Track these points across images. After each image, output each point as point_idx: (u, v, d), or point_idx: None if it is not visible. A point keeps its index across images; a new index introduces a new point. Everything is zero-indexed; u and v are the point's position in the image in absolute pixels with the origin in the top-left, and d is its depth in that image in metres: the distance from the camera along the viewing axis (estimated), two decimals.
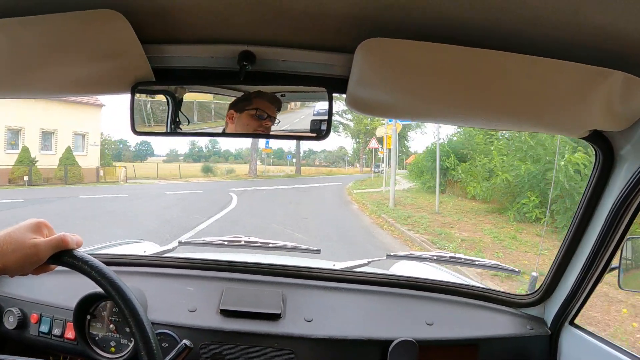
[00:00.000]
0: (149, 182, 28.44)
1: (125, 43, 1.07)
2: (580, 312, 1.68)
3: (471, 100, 1.17)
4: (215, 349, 1.54)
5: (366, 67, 1.10)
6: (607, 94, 1.10)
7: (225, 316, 1.61)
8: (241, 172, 42.20)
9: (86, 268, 1.04)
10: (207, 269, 1.84)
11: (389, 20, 0.99)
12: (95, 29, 1.02)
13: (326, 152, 65.49)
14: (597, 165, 1.44)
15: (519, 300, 1.84)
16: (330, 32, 1.09)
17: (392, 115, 1.32)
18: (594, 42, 1.00)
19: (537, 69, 1.06)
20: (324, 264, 2.08)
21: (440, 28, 0.99)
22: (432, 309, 1.76)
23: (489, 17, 0.94)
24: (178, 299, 1.66)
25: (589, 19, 0.90)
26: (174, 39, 1.17)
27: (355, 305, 1.75)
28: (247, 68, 1.19)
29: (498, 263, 2.06)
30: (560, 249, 1.65)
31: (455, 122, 1.37)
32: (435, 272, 2.45)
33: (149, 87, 1.24)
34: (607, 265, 1.52)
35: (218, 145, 70.74)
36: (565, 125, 1.29)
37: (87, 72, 1.16)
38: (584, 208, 1.52)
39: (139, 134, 1.25)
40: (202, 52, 1.21)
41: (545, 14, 0.90)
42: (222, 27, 1.11)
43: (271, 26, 1.09)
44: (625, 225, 1.41)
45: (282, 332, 1.58)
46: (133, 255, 1.95)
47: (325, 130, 1.23)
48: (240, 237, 2.18)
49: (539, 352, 1.73)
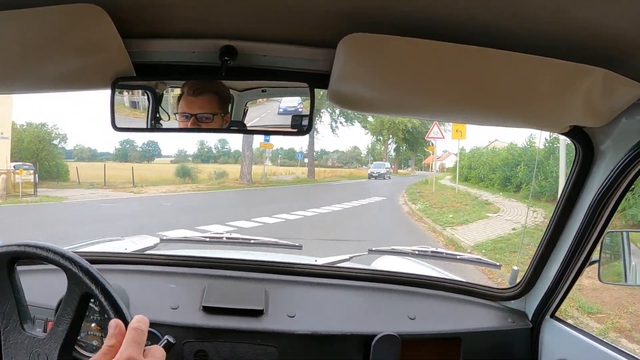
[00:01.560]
0: (64, 199, 18.00)
1: (106, 38, 1.06)
2: (561, 305, 1.71)
3: (452, 95, 1.19)
4: (198, 346, 1.53)
5: (348, 62, 1.10)
6: (588, 90, 1.12)
7: (207, 313, 1.60)
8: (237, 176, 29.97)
9: (67, 264, 1.04)
10: (189, 265, 1.83)
11: (371, 15, 0.99)
12: (75, 23, 1.00)
13: (339, 152, 62.14)
14: (577, 161, 1.46)
15: (501, 294, 1.87)
16: (313, 27, 1.09)
17: (374, 110, 1.32)
18: (576, 39, 1.01)
19: (519, 66, 1.07)
20: (306, 259, 2.10)
21: (423, 24, 1.00)
22: (414, 303, 1.78)
23: (471, 13, 0.95)
24: (160, 296, 1.65)
25: (571, 16, 0.91)
26: (155, 33, 1.16)
27: (338, 300, 1.75)
28: (228, 63, 1.18)
29: (479, 257, 2.10)
30: (540, 242, 1.68)
31: (437, 117, 1.39)
32: (417, 266, 2.48)
33: (129, 82, 1.23)
34: (587, 259, 1.55)
35: (228, 145, 65.26)
36: (546, 121, 1.31)
37: (67, 67, 1.14)
38: (564, 202, 1.54)
39: (119, 130, 1.24)
40: (183, 47, 1.20)
41: (527, 10, 0.91)
42: (203, 21, 1.10)
43: (253, 21, 1.09)
44: (604, 220, 1.43)
45: (264, 328, 1.58)
46: (114, 253, 1.94)
47: (306, 125, 1.23)
48: (221, 234, 2.18)
49: (520, 345, 1.76)
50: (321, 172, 42.90)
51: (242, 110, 1.27)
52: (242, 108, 1.27)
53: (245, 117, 1.27)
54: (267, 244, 2.16)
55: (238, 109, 1.26)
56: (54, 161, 26.15)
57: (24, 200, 16.97)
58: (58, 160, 26.73)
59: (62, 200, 17.71)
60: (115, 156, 51.83)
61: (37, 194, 18.54)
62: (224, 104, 1.24)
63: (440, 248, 2.14)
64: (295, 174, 38.84)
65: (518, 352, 1.76)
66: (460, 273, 3.35)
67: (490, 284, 5.93)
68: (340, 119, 41.34)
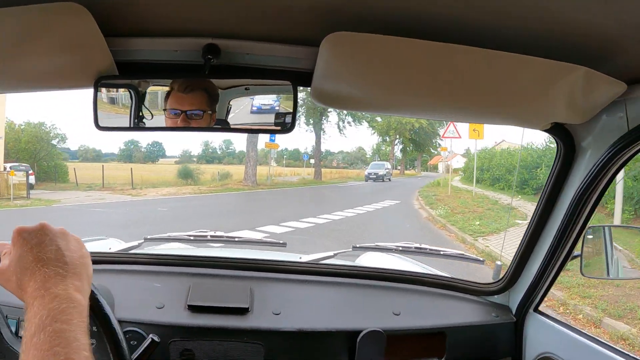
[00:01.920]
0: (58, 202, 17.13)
1: (88, 36, 1.05)
2: (544, 299, 1.73)
3: (435, 93, 1.20)
4: (184, 345, 1.53)
5: (331, 60, 1.10)
6: (569, 88, 1.14)
7: (193, 312, 1.59)
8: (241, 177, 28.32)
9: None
10: (173, 264, 1.83)
11: (354, 13, 1.00)
12: (56, 22, 1.00)
13: (344, 152, 60.76)
14: (559, 157, 1.49)
15: (484, 288, 1.89)
16: (296, 25, 1.10)
17: (357, 108, 1.34)
18: (558, 38, 1.02)
19: (501, 64, 1.09)
20: (290, 256, 2.09)
21: (406, 22, 1.00)
22: (398, 299, 1.79)
23: (454, 12, 0.96)
24: (145, 295, 1.64)
25: (553, 15, 0.92)
26: (138, 31, 1.16)
27: (323, 297, 1.76)
28: (211, 61, 1.18)
29: (462, 253, 2.11)
30: (523, 237, 1.70)
31: (420, 114, 1.41)
32: (402, 262, 2.48)
33: (112, 81, 1.22)
34: (569, 254, 1.57)
35: (232, 146, 64.05)
36: (528, 118, 1.33)
37: (48, 66, 1.14)
38: (546, 198, 1.57)
39: (102, 129, 1.23)
40: (166, 46, 1.20)
41: (510, 9, 0.92)
42: (186, 19, 1.10)
43: (236, 19, 1.09)
44: (586, 215, 1.46)
45: (250, 326, 1.57)
46: (98, 253, 1.91)
47: (290, 123, 1.23)
48: (206, 232, 2.17)
49: (504, 339, 1.78)
50: (327, 173, 41.98)
51: (225, 108, 1.27)
52: (226, 106, 1.27)
53: (229, 115, 1.27)
54: (251, 241, 2.17)
55: (221, 107, 1.26)
56: (52, 162, 25.62)
57: (12, 204, 16.37)
58: (57, 161, 26.14)
59: (53, 203, 16.87)
60: (119, 157, 51.27)
61: (30, 197, 17.95)
62: (212, 102, 1.24)
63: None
64: (301, 175, 38.02)
65: (502, 346, 1.78)
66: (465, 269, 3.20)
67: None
68: (348, 119, 39.94)
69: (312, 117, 35.56)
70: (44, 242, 0.83)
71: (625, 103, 1.24)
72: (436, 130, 43.28)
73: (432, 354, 1.70)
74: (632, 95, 1.20)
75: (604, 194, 1.42)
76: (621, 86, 1.16)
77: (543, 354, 1.64)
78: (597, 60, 1.09)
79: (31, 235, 0.84)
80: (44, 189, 21.27)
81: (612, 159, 1.28)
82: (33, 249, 0.82)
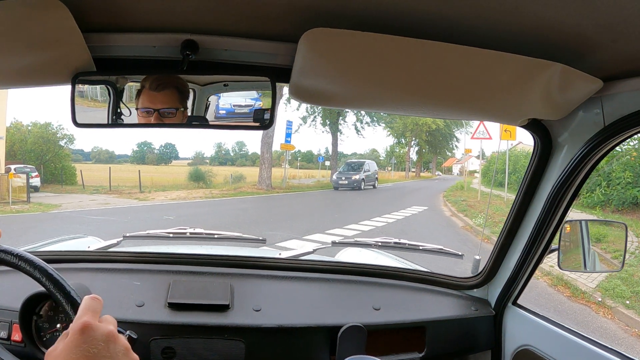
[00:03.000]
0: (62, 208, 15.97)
1: (65, 32, 1.04)
2: (522, 292, 1.76)
3: (413, 89, 1.21)
4: (165, 343, 1.52)
5: (309, 56, 1.11)
6: (546, 84, 1.15)
7: (173, 309, 1.59)
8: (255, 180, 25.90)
9: (11, 259, 1.00)
10: (153, 262, 1.82)
11: (333, 10, 1.00)
12: (33, 17, 0.99)
13: (357, 154, 57.47)
14: (536, 152, 1.51)
15: (463, 282, 1.91)
16: (274, 21, 1.10)
17: (335, 104, 1.33)
18: (534, 34, 1.03)
19: (478, 60, 1.10)
20: (270, 253, 2.11)
21: (383, 19, 1.01)
22: (378, 294, 1.80)
23: (431, 9, 0.97)
24: (125, 294, 1.63)
25: (530, 12, 0.93)
26: (115, 27, 1.15)
27: (303, 293, 1.77)
28: (190, 57, 1.18)
29: (441, 247, 2.11)
30: (501, 232, 1.72)
31: (398, 110, 1.40)
32: (381, 257, 2.49)
33: (89, 77, 1.22)
34: (546, 247, 1.60)
35: (245, 147, 62.38)
36: (505, 114, 1.35)
37: (24, 62, 1.13)
38: (523, 193, 1.59)
39: (79, 126, 1.23)
40: (144, 41, 1.20)
41: (487, 5, 0.93)
42: (165, 15, 1.10)
43: (215, 14, 1.09)
44: (563, 209, 1.48)
45: (231, 323, 1.58)
46: (76, 252, 1.91)
47: (268, 119, 1.24)
48: (185, 229, 2.16)
49: (484, 332, 1.80)
50: None
51: (203, 104, 1.27)
52: (204, 103, 1.27)
53: (207, 112, 1.27)
54: (230, 238, 2.16)
55: (200, 104, 1.26)
56: (60, 163, 24.87)
57: (7, 210, 15.18)
58: (64, 163, 25.37)
59: (53, 208, 15.74)
60: (132, 159, 50.07)
61: (30, 201, 16.90)
62: (183, 99, 1.24)
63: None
64: (316, 178, 36.46)
65: (481, 339, 1.80)
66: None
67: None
68: (366, 119, 37.76)
69: (329, 118, 34.43)
70: (102, 356, 0.78)
71: (602, 100, 1.27)
72: (452, 131, 42.94)
73: (412, 348, 1.71)
74: (608, 92, 1.23)
75: (580, 188, 1.44)
76: (597, 83, 1.18)
77: (522, 346, 1.67)
78: (573, 57, 1.10)
79: (96, 341, 0.79)
80: (50, 191, 20.69)
81: (589, 154, 1.30)
82: (89, 356, 0.78)
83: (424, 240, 2.14)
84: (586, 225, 1.69)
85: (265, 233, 10.01)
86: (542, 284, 7.65)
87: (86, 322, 0.79)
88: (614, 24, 0.94)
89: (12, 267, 1.01)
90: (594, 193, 12.55)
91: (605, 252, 5.56)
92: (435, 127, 40.85)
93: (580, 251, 1.66)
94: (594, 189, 12.20)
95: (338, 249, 2.56)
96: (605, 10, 0.89)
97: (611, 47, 1.05)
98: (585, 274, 7.36)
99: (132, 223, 13.02)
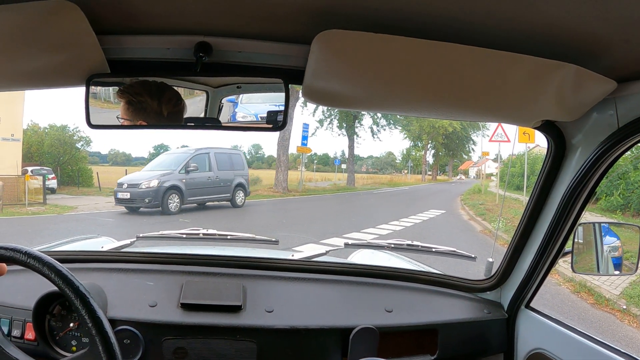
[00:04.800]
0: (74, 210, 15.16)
1: (80, 34, 1.06)
2: (535, 295, 1.74)
3: (426, 91, 1.21)
4: (177, 344, 1.54)
5: (322, 58, 1.11)
6: (559, 86, 1.15)
7: (186, 310, 1.60)
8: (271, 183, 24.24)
9: (34, 264, 1.02)
10: (166, 262, 1.83)
11: (345, 11, 1.00)
12: (48, 20, 1.00)
13: (373, 157, 57.31)
14: (550, 154, 1.50)
15: (476, 285, 1.90)
16: (287, 23, 1.10)
17: (348, 106, 1.34)
18: (547, 36, 1.03)
19: (491, 61, 1.10)
20: (283, 254, 2.10)
21: (396, 20, 1.01)
22: (391, 296, 1.79)
23: (445, 10, 0.96)
24: (138, 294, 1.64)
25: (542, 13, 0.93)
26: (129, 29, 1.16)
27: (315, 294, 1.77)
28: (203, 59, 1.19)
29: (454, 250, 2.10)
30: (514, 234, 1.71)
31: (411, 112, 1.40)
32: (394, 259, 2.49)
33: (104, 79, 1.23)
34: (560, 250, 1.59)
35: (262, 150, 59.69)
36: (518, 115, 1.34)
37: (40, 64, 1.14)
38: (537, 195, 1.58)
39: (94, 128, 1.24)
40: (158, 43, 1.20)
41: (499, 7, 0.93)
42: (178, 17, 1.10)
43: (228, 16, 1.09)
44: (577, 212, 1.47)
45: (243, 324, 1.58)
46: (90, 252, 1.93)
47: (281, 121, 1.24)
48: (198, 230, 2.17)
49: (496, 335, 1.79)
50: (359, 179, 37.41)
51: (217, 106, 1.27)
52: (217, 104, 1.27)
53: (220, 114, 1.28)
54: (243, 239, 2.16)
55: (213, 106, 1.27)
56: (76, 165, 24.48)
57: (23, 212, 14.65)
58: (81, 165, 24.99)
59: (69, 210, 15.07)
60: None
61: (47, 203, 16.32)
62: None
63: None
64: (332, 181, 34.58)
65: (494, 342, 1.79)
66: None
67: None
68: (382, 122, 36.26)
69: (345, 121, 33.83)
70: None
71: (615, 101, 1.25)
72: (469, 134, 42.08)
73: (424, 350, 1.71)
74: (622, 93, 1.21)
75: (594, 191, 1.42)
76: (611, 84, 1.17)
77: (535, 349, 1.66)
78: (587, 58, 1.10)
79: None
80: (66, 193, 20.06)
81: (602, 156, 1.29)
82: None
83: (443, 244, 2.12)
84: (600, 227, 1.67)
85: (281, 236, 9.40)
86: (565, 290, 7.55)
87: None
88: (627, 25, 0.94)
89: (23, 265, 1.03)
90: (613, 196, 12.35)
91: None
92: (452, 129, 40.10)
93: (593, 254, 1.64)
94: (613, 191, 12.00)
95: (351, 250, 2.55)
96: (617, 10, 0.89)
97: (624, 47, 1.04)
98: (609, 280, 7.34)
99: (148, 226, 12.62)
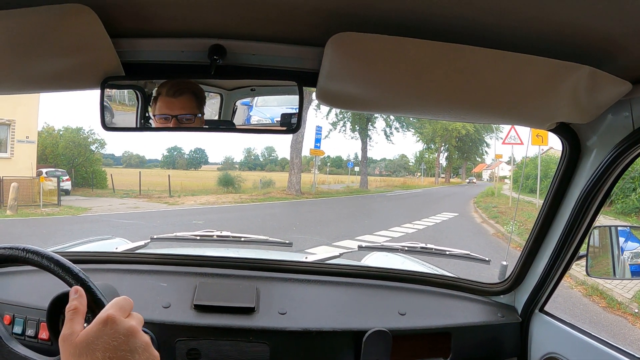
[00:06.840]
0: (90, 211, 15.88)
1: (94, 37, 1.07)
2: (549, 299, 1.73)
3: (440, 93, 1.20)
4: (190, 345, 1.54)
5: (336, 60, 1.11)
6: (574, 87, 1.14)
7: (199, 311, 1.60)
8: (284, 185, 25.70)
9: (49, 265, 1.02)
10: (179, 264, 1.83)
11: (359, 14, 1.00)
12: (63, 23, 1.01)
13: (386, 160, 58.98)
14: (564, 156, 1.49)
15: (490, 288, 1.89)
16: (301, 26, 1.10)
17: (362, 108, 1.34)
18: (561, 37, 1.02)
19: (505, 63, 1.09)
20: (296, 256, 2.10)
21: (410, 22, 1.01)
22: (404, 299, 1.79)
23: (458, 12, 0.96)
24: (151, 295, 1.65)
25: (556, 14, 0.93)
26: (144, 32, 1.17)
27: (329, 296, 1.77)
28: (217, 62, 1.19)
29: (468, 253, 2.08)
30: (529, 238, 1.70)
31: (424, 114, 1.40)
32: (407, 262, 2.48)
33: (118, 82, 1.24)
34: (575, 254, 1.57)
35: (275, 153, 63.13)
36: (532, 118, 1.34)
37: (55, 67, 1.15)
38: (551, 198, 1.56)
39: (108, 130, 1.25)
40: (172, 46, 1.21)
41: (512, 8, 0.93)
42: (192, 20, 1.11)
43: (242, 19, 1.10)
44: (592, 215, 1.45)
45: (256, 326, 1.58)
46: (104, 253, 1.94)
47: (295, 124, 1.24)
48: (212, 232, 2.17)
49: (510, 339, 1.78)
50: (372, 181, 39.27)
51: (230, 109, 1.28)
52: (231, 107, 1.28)
53: (235, 116, 1.28)
54: (257, 241, 2.16)
55: (227, 108, 1.27)
56: (91, 167, 25.08)
57: (37, 213, 15.10)
58: (95, 167, 25.61)
59: (83, 212, 15.74)
60: (162, 163, 50.65)
61: (61, 204, 16.89)
62: (200, 104, 1.26)
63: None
64: (345, 183, 35.41)
65: (507, 346, 1.78)
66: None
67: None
68: (395, 124, 37.04)
69: (358, 123, 34.19)
70: (122, 349, 0.80)
71: (631, 102, 1.24)
72: (482, 137, 42.28)
73: (437, 353, 1.70)
74: (638, 94, 1.20)
75: (609, 193, 1.41)
76: (626, 85, 1.16)
77: (548, 354, 1.64)
78: (601, 59, 1.09)
79: (117, 334, 0.81)
80: (80, 194, 20.56)
81: (618, 158, 1.28)
82: (108, 348, 0.79)
83: (455, 247, 2.11)
84: (616, 231, 1.66)
85: (294, 238, 9.40)
86: (577, 293, 7.51)
87: (111, 315, 0.82)
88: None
89: (37, 266, 1.03)
90: (629, 198, 12.18)
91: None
92: (465, 132, 40.22)
93: (609, 257, 1.63)
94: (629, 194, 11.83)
95: (364, 253, 2.56)
96: (632, 11, 0.88)
97: (639, 49, 1.03)
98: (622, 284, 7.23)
99: (161, 227, 13.06)
